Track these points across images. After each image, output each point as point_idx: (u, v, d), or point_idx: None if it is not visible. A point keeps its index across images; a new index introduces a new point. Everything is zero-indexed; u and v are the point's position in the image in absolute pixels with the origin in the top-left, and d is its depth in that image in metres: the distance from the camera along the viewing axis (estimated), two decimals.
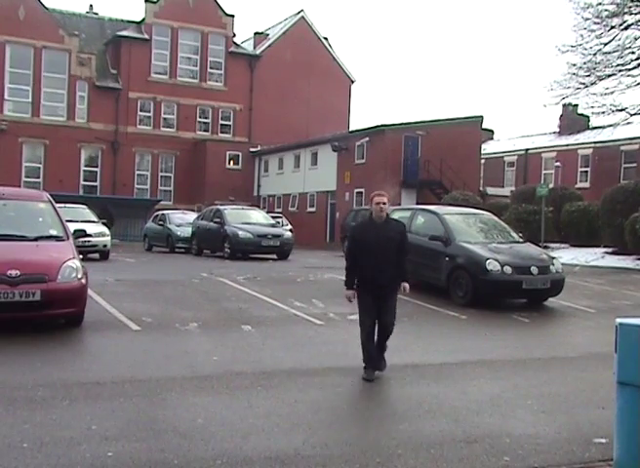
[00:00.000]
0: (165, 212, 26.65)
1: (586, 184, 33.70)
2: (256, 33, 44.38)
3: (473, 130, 32.34)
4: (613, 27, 21.91)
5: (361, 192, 31.72)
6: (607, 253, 21.70)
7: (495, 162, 39.77)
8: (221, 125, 41.70)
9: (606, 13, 21.86)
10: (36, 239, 8.59)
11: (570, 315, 11.22)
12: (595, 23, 21.98)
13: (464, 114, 33.13)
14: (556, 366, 7.52)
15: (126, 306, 9.95)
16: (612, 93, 22.30)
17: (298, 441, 4.69)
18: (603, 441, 4.81)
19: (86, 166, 38.82)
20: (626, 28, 21.96)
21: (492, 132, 45.71)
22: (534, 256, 11.95)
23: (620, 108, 22.44)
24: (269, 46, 42.78)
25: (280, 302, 10.89)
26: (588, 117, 30.33)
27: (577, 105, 32.17)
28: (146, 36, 39.47)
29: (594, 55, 22.21)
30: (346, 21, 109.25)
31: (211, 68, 41.37)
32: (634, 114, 22.65)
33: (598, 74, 22.23)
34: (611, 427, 4.15)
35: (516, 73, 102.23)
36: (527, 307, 11.53)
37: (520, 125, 68.29)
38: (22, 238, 8.55)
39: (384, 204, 6.45)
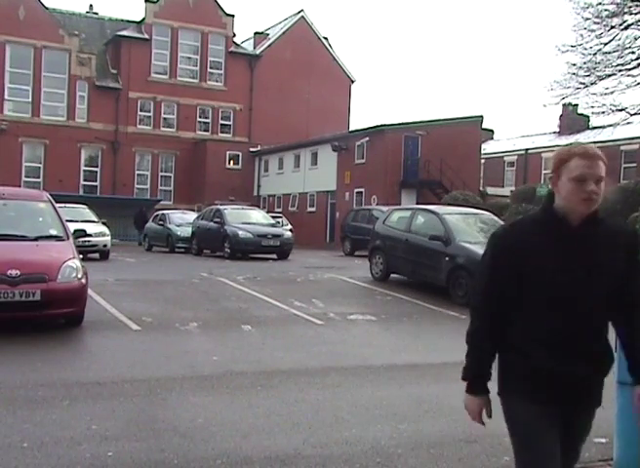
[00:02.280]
0: (165, 212, 26.66)
1: None
2: (256, 33, 44.37)
3: (473, 130, 32.32)
4: (613, 27, 21.90)
5: (361, 192, 31.73)
6: None
7: (495, 162, 39.77)
8: (221, 125, 41.69)
9: (606, 13, 21.85)
10: (36, 239, 8.60)
11: None
12: (595, 23, 21.97)
13: (464, 114, 33.13)
14: None
15: (126, 306, 9.96)
16: (612, 93, 22.30)
17: (298, 440, 4.69)
18: (603, 441, 4.80)
19: (86, 166, 38.81)
20: (626, 28, 21.95)
21: (492, 132, 45.72)
22: None
23: (619, 108, 22.43)
24: (269, 46, 42.77)
25: (280, 302, 10.90)
26: (588, 117, 30.33)
27: (577, 105, 32.15)
28: (146, 36, 39.45)
29: (594, 55, 22.20)
30: (346, 21, 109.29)
31: (211, 68, 41.36)
32: (634, 114, 22.64)
33: (598, 74, 22.22)
34: (611, 427, 4.14)
35: (516, 73, 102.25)
36: None
37: (520, 125, 68.33)
38: (23, 238, 8.56)
39: (600, 181, 2.46)
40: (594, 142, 31.06)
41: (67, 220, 9.67)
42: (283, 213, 34.95)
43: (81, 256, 8.97)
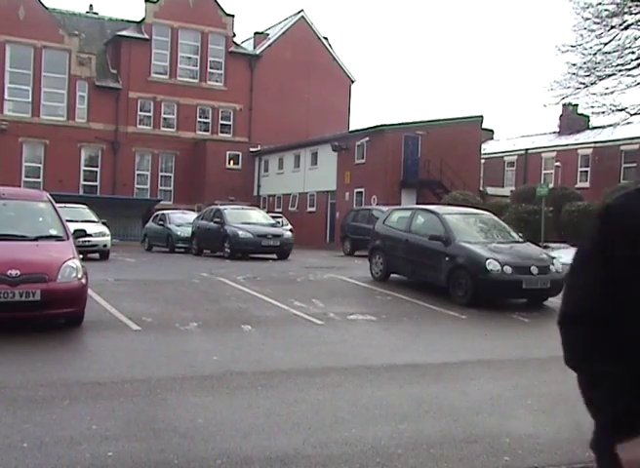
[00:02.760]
0: (165, 212, 26.66)
1: (586, 184, 33.69)
2: (256, 33, 44.36)
3: (473, 130, 32.32)
4: (613, 27, 21.91)
5: (361, 192, 31.73)
6: None
7: (495, 162, 39.77)
8: (221, 125, 41.67)
9: (606, 13, 21.85)
10: (36, 239, 8.59)
11: None
12: (595, 23, 21.98)
13: (464, 114, 33.14)
14: (556, 366, 7.45)
15: (126, 306, 9.95)
16: (612, 93, 22.31)
17: (298, 441, 4.69)
18: None
19: (86, 166, 38.80)
20: (626, 28, 21.95)
21: (492, 132, 45.69)
22: (534, 256, 11.95)
23: (619, 108, 22.44)
24: (269, 46, 42.75)
25: (280, 302, 10.89)
26: (588, 117, 30.33)
27: (577, 105, 32.14)
28: (146, 36, 39.43)
29: (594, 55, 22.21)
30: (346, 21, 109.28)
31: (211, 68, 41.34)
32: (634, 114, 22.64)
33: (598, 74, 22.22)
34: None
35: (516, 73, 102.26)
36: (527, 307, 11.53)
37: (520, 125, 68.30)
38: (23, 238, 8.55)
39: None
40: (594, 142, 31.23)
41: (67, 220, 9.67)
42: (283, 213, 34.94)
43: (81, 256, 8.96)
